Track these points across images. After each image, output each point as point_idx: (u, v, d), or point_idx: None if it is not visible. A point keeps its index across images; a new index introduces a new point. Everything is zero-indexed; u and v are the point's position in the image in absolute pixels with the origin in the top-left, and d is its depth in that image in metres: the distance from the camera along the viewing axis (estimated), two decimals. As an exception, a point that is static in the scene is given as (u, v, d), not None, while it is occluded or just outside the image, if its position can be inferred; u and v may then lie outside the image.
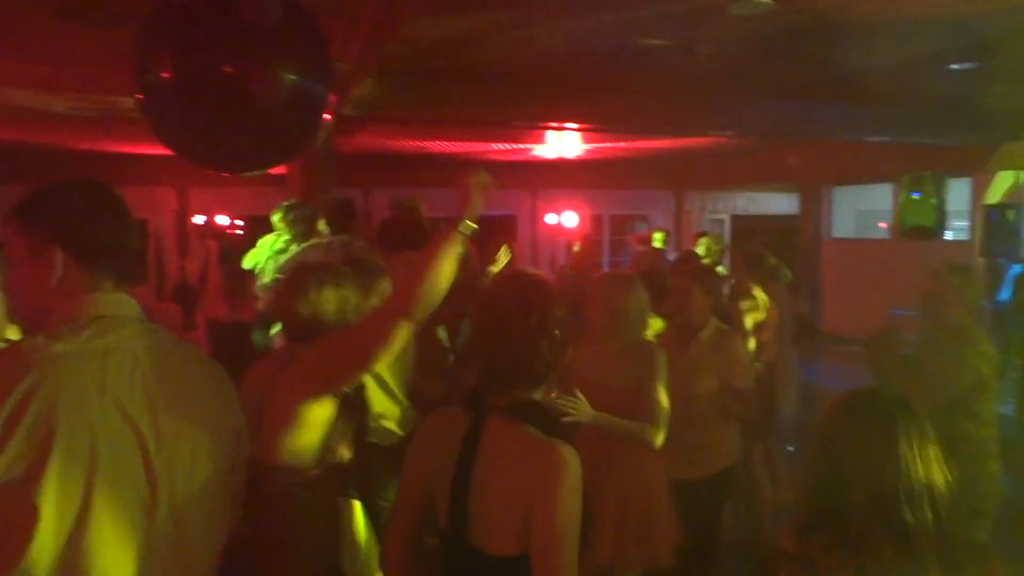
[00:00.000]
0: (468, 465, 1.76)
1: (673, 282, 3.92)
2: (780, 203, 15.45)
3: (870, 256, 12.11)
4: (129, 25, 2.64)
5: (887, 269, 11.11)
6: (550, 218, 14.84)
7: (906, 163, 8.74)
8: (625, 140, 10.54)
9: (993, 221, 7.95)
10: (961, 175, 9.77)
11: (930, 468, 1.63)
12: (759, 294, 4.46)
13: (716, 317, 3.79)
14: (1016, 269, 8.45)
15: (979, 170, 10.13)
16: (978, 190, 10.60)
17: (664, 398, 3.16)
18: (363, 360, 2.02)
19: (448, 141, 10.26)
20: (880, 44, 5.84)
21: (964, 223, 11.35)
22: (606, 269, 14.82)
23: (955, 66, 6.48)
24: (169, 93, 2.40)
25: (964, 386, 3.27)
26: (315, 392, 2.08)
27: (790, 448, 6.46)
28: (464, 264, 2.22)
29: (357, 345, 2.03)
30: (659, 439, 3.13)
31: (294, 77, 2.23)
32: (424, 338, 3.35)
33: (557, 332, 1.80)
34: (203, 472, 1.59)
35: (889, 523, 1.59)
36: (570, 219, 14.40)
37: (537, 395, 1.83)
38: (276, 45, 2.26)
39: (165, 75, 2.40)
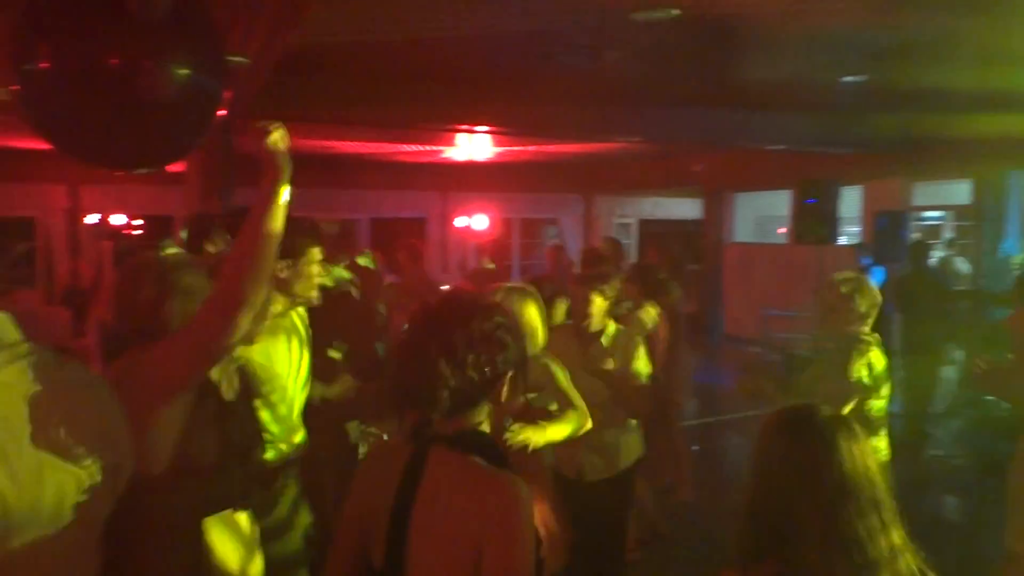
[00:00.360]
0: (408, 499, 1.63)
1: (573, 288, 3.95)
2: (685, 208, 15.86)
3: (768, 260, 12.55)
4: (7, 11, 2.48)
5: (784, 272, 11.54)
6: (460, 221, 14.81)
7: (802, 171, 9.08)
8: (535, 144, 10.61)
9: (881, 226, 8.35)
10: (853, 183, 10.23)
11: (874, 481, 1.61)
12: (650, 308, 4.53)
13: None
14: (880, 273, 8.98)
15: (870, 178, 10.64)
16: (868, 197, 11.13)
17: (575, 393, 3.15)
18: (204, 354, 1.91)
19: (355, 141, 10.09)
20: (779, 56, 6.06)
21: (856, 228, 11.90)
22: (515, 274, 14.90)
23: (848, 79, 6.78)
24: (49, 85, 2.26)
25: (848, 398, 3.36)
26: (160, 393, 1.92)
27: (695, 447, 6.62)
28: (368, 277, 2.12)
29: (197, 339, 1.90)
30: (589, 421, 3.09)
31: (185, 71, 2.12)
32: (318, 356, 3.28)
33: (480, 354, 1.63)
34: (69, 516, 1.44)
35: (843, 542, 1.54)
36: (481, 222, 14.40)
37: (483, 424, 1.70)
38: (165, 37, 2.14)
39: (44, 65, 2.26)
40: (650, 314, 4.02)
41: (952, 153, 8.83)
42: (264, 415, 2.87)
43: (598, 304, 3.68)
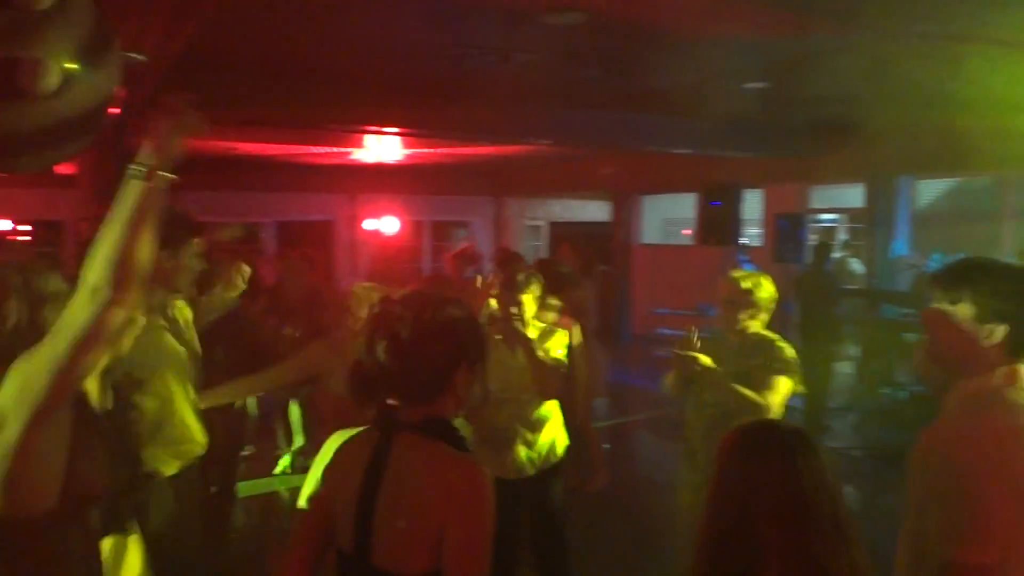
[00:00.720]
0: (375, 483, 1.71)
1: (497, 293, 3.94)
2: (594, 210, 16.08)
3: (675, 261, 12.85)
4: None
5: (690, 273, 11.84)
6: (369, 224, 14.60)
7: (707, 174, 9.33)
8: (445, 146, 10.55)
9: (781, 228, 8.65)
10: (755, 186, 10.57)
11: (834, 499, 1.60)
12: (550, 301, 4.54)
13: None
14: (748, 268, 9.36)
15: (770, 182, 11.03)
16: (769, 200, 11.53)
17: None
18: (72, 364, 1.58)
19: (260, 142, 9.81)
20: (685, 61, 6.19)
21: (758, 230, 12.32)
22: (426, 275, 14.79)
23: (749, 85, 6.99)
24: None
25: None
26: (31, 415, 1.60)
27: (606, 446, 6.69)
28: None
29: (63, 347, 1.58)
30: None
31: (72, 66, 1.98)
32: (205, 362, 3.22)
33: (434, 346, 1.74)
34: None
35: (804, 563, 1.52)
36: (390, 225, 14.22)
37: (447, 412, 1.80)
38: (51, 28, 2.00)
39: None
40: (551, 306, 4.02)
41: (847, 158, 9.23)
42: (149, 416, 2.75)
43: (528, 304, 3.70)
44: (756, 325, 3.55)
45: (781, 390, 3.41)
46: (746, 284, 3.54)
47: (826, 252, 8.10)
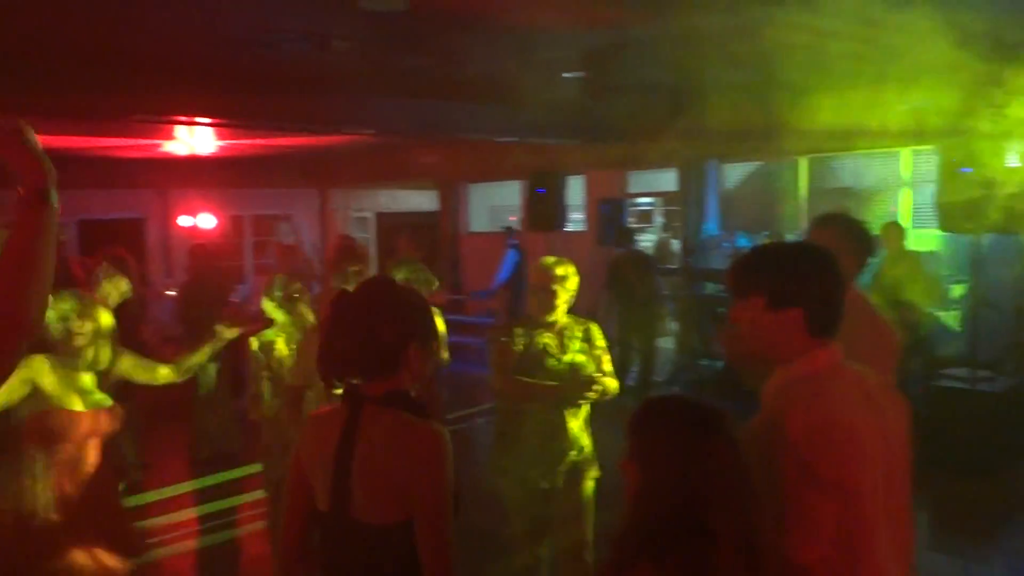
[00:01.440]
0: (348, 450, 1.95)
1: (327, 284, 3.83)
2: (421, 200, 15.99)
3: (503, 248, 12.99)
4: None
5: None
6: (184, 220, 13.75)
7: (531, 162, 9.50)
8: (262, 137, 10.10)
9: (603, 213, 8.97)
10: (577, 173, 10.90)
11: (743, 475, 1.57)
12: None
13: None
14: (513, 255, 9.79)
15: (593, 168, 11.39)
16: (591, 186, 11.93)
17: None
18: None
19: (58, 135, 8.96)
20: (505, 49, 6.23)
21: (581, 215, 12.72)
22: (248, 275, 14.20)
23: (568, 74, 7.15)
24: None
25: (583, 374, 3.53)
26: None
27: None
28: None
29: None
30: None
31: None
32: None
33: (387, 327, 1.96)
34: None
35: (749, 541, 1.50)
36: (207, 221, 13.48)
37: (405, 386, 2.02)
38: None
39: None
40: None
41: (661, 145, 9.69)
42: None
43: None
44: (564, 310, 3.63)
45: (610, 370, 3.53)
46: (560, 270, 3.60)
47: (630, 235, 8.51)
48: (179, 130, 9.09)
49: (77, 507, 2.91)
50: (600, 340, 3.62)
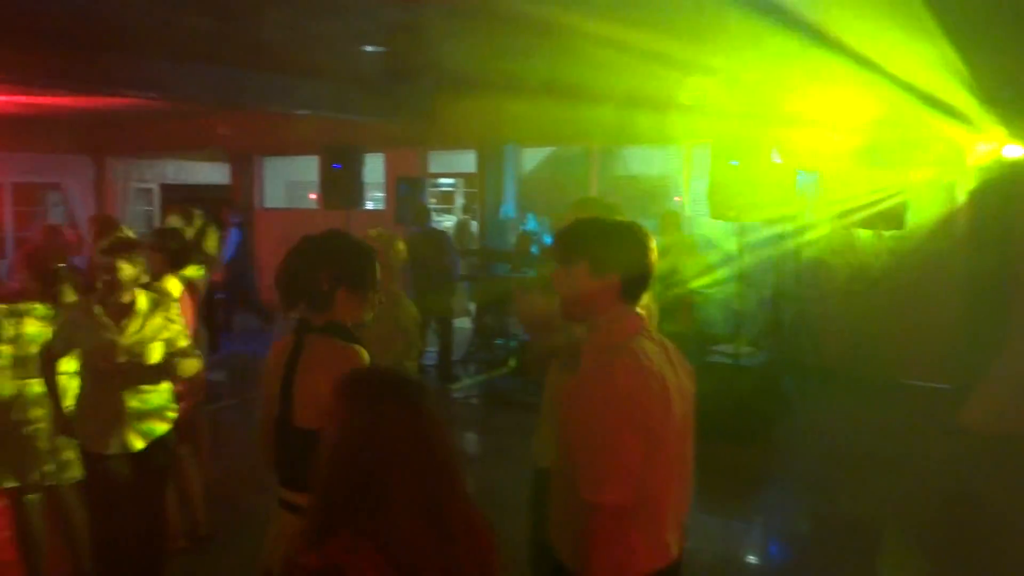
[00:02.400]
0: (293, 367, 2.43)
1: (96, 259, 3.55)
2: (211, 172, 15.10)
3: (300, 225, 12.55)
4: None
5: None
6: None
7: (329, 136, 9.24)
8: (21, 94, 9.06)
9: (402, 192, 8.89)
10: (376, 150, 10.73)
11: (431, 445, 1.58)
12: (172, 280, 4.22)
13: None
14: (236, 233, 9.77)
15: (392, 146, 11.26)
16: (391, 164, 11.79)
17: None
18: None
19: None
20: (304, 19, 5.99)
21: (381, 194, 12.56)
22: (8, 248, 12.81)
23: (368, 48, 7.01)
24: None
25: (398, 351, 3.51)
26: None
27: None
28: None
29: None
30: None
31: None
32: None
33: (324, 270, 2.43)
34: None
35: (429, 507, 1.51)
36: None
37: (343, 320, 2.46)
38: None
39: None
40: (173, 284, 3.76)
41: (460, 126, 9.76)
42: None
43: (127, 273, 3.43)
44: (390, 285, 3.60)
45: (419, 346, 3.55)
46: (379, 245, 3.56)
47: (426, 215, 8.51)
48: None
49: None
50: (410, 314, 3.65)
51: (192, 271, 4.58)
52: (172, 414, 3.65)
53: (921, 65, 5.74)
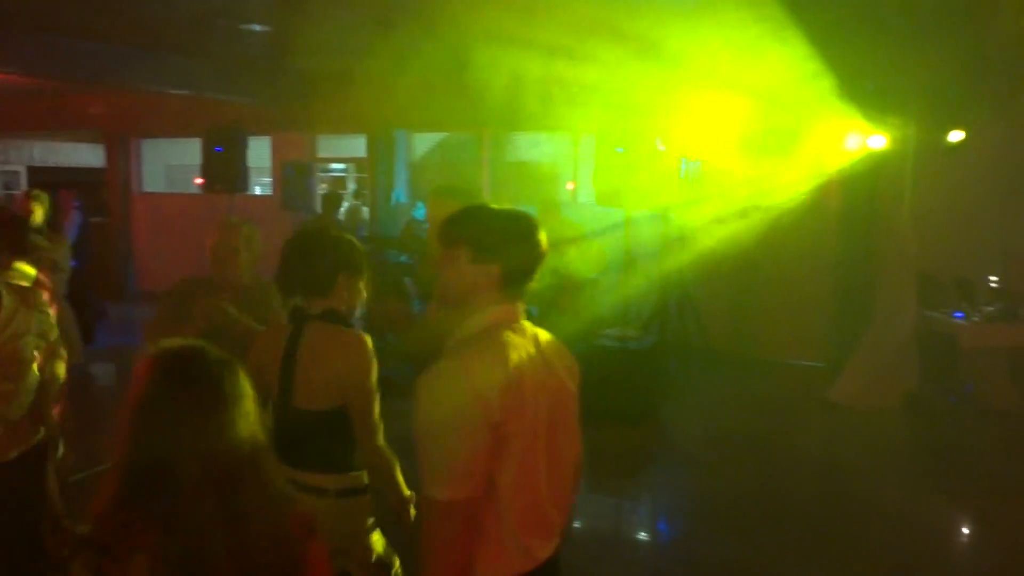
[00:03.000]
0: (293, 353, 2.57)
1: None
2: (85, 155, 14.30)
3: (182, 211, 12.06)
4: None
5: (198, 223, 11.26)
6: None
7: (211, 118, 8.88)
8: None
9: (288, 176, 8.64)
10: (262, 133, 10.39)
11: (255, 427, 1.58)
12: (21, 267, 3.95)
13: None
14: (78, 216, 9.48)
15: (279, 129, 10.94)
16: (278, 148, 11.45)
17: None
18: None
19: None
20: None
21: (268, 179, 12.20)
22: None
23: (249, 26, 6.76)
24: None
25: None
26: None
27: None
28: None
29: None
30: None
31: None
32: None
33: (323, 260, 2.61)
34: None
35: (218, 487, 1.48)
36: None
37: (340, 307, 2.63)
38: None
39: None
40: (24, 272, 3.53)
41: (348, 110, 9.56)
42: None
43: None
44: (249, 273, 3.48)
45: None
46: (246, 231, 3.44)
47: (336, 202, 8.32)
48: None
49: None
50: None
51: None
52: (42, 418, 3.42)
53: (791, 63, 6.00)
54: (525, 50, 5.77)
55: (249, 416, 1.58)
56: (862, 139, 7.34)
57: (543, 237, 2.00)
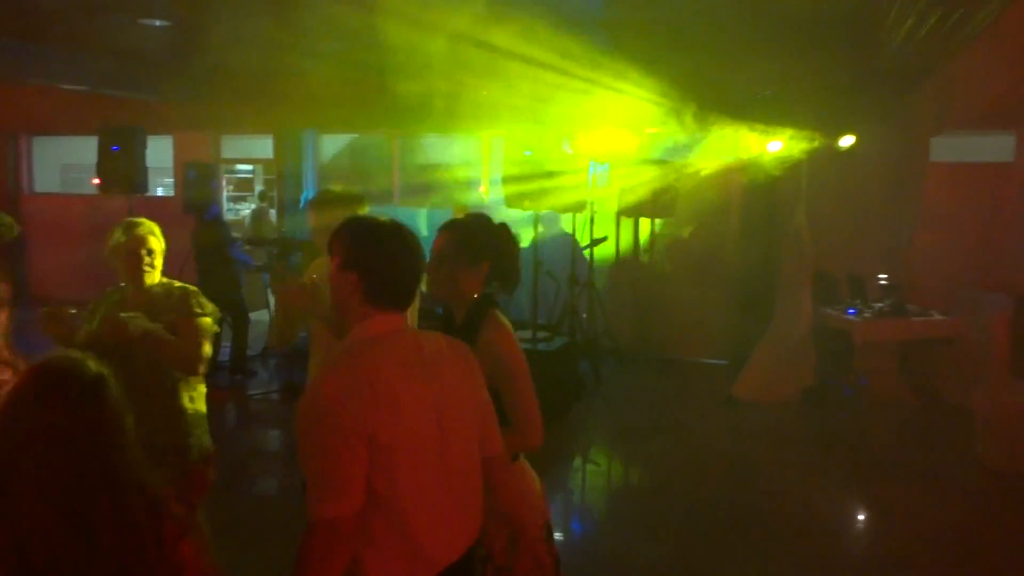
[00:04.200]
0: None
1: None
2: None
3: (78, 212, 11.53)
4: None
5: (96, 226, 10.79)
6: None
7: (110, 116, 8.53)
8: None
9: (190, 178, 8.35)
10: (162, 132, 10.04)
11: (125, 442, 1.59)
12: None
13: None
14: None
15: (181, 128, 10.59)
16: (179, 147, 11.09)
17: None
18: None
19: None
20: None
21: (171, 179, 11.80)
22: None
23: (147, 21, 6.52)
24: None
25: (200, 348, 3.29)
26: None
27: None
28: None
29: None
30: None
31: None
32: None
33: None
34: None
35: (66, 505, 1.49)
36: None
37: None
38: None
39: None
40: None
41: (253, 109, 9.34)
42: None
43: None
44: (158, 275, 3.36)
45: (209, 337, 3.31)
46: (152, 232, 3.31)
47: (209, 203, 8.07)
48: None
49: None
50: (203, 304, 3.34)
51: None
52: None
53: (689, 70, 6.18)
54: (433, 55, 5.77)
55: (106, 432, 1.57)
56: (761, 144, 7.62)
57: (413, 246, 1.96)
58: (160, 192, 12.80)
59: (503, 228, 2.61)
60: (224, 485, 3.60)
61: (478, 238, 2.53)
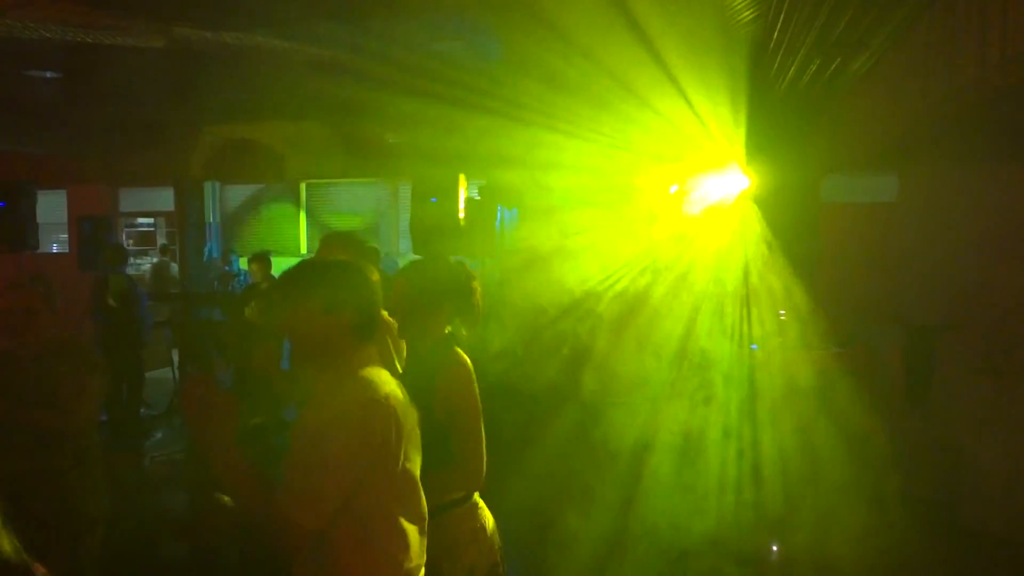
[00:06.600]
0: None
1: None
2: None
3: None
4: None
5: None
6: None
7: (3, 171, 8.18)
8: None
9: (86, 233, 8.03)
10: (55, 187, 9.68)
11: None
12: None
13: None
14: None
15: (75, 182, 10.22)
16: (72, 202, 10.68)
17: None
18: None
19: None
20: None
21: (65, 235, 11.34)
22: None
23: (36, 72, 6.31)
24: None
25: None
26: None
27: None
28: None
29: None
30: None
31: None
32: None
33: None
34: None
35: None
36: None
37: None
38: None
39: None
40: None
41: (152, 161, 9.10)
42: None
43: None
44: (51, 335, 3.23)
45: (94, 396, 3.20)
46: (43, 288, 3.21)
47: (120, 257, 7.73)
48: None
49: None
50: (91, 361, 3.23)
51: None
52: None
53: (621, 112, 6.29)
54: (336, 102, 5.76)
55: None
56: (666, 185, 7.80)
57: (342, 287, 2.04)
58: (55, 248, 12.29)
59: (460, 267, 2.68)
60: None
61: (438, 281, 2.59)
